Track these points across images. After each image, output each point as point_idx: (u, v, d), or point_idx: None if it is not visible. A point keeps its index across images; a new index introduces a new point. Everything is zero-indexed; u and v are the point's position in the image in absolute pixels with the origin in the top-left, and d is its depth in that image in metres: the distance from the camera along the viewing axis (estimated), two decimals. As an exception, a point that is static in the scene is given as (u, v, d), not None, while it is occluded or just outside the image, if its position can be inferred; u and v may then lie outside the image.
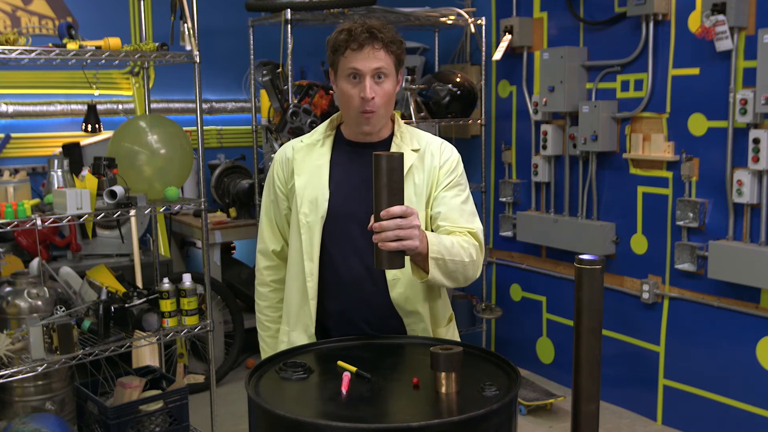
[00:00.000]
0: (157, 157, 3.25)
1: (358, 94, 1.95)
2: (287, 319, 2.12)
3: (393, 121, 2.10)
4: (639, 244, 3.92)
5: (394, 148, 2.04)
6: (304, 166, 2.07)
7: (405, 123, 2.15)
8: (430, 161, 2.05)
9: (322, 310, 2.06)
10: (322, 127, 2.13)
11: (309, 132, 2.18)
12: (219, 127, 5.13)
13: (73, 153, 3.84)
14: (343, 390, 1.64)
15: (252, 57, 4.39)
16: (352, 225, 2.01)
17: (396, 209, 1.72)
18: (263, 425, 1.61)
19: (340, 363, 1.78)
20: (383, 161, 1.70)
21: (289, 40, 3.86)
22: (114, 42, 3.13)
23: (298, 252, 2.05)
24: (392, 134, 2.08)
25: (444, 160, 2.06)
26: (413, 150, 2.05)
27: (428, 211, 2.04)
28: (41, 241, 3.89)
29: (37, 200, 3.00)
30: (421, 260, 1.85)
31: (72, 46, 2.98)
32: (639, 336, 3.96)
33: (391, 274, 2.00)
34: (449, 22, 4.48)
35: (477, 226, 2.03)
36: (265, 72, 4.10)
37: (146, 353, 3.60)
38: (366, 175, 2.01)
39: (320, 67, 4.99)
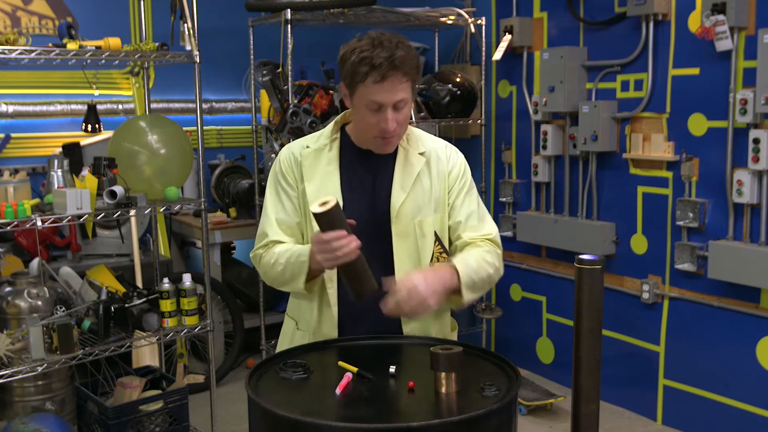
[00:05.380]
0: (157, 157, 3.25)
1: (378, 124, 1.92)
2: (306, 326, 2.09)
3: None
4: (639, 244, 3.92)
5: (401, 153, 2.05)
6: (314, 171, 2.04)
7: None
8: (437, 166, 2.07)
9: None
10: (327, 131, 2.10)
11: (309, 131, 2.18)
12: (219, 127, 5.13)
13: (73, 153, 3.84)
14: (338, 391, 1.64)
15: (252, 57, 4.39)
16: (363, 230, 2.01)
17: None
18: (263, 425, 1.61)
19: (341, 363, 1.78)
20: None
21: (289, 40, 3.86)
22: (114, 42, 3.13)
23: None
24: None
25: (452, 165, 2.09)
26: (420, 153, 2.06)
27: (444, 218, 2.07)
28: (41, 241, 3.89)
29: (37, 200, 3.00)
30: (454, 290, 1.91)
31: (72, 46, 2.98)
32: (639, 336, 3.96)
33: (400, 278, 2.01)
34: (449, 22, 4.48)
35: (493, 228, 2.09)
36: (265, 72, 4.10)
37: (146, 353, 3.60)
38: (375, 179, 2.04)
39: (320, 66, 4.98)
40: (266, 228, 2.09)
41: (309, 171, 2.05)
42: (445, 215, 2.07)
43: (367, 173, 2.04)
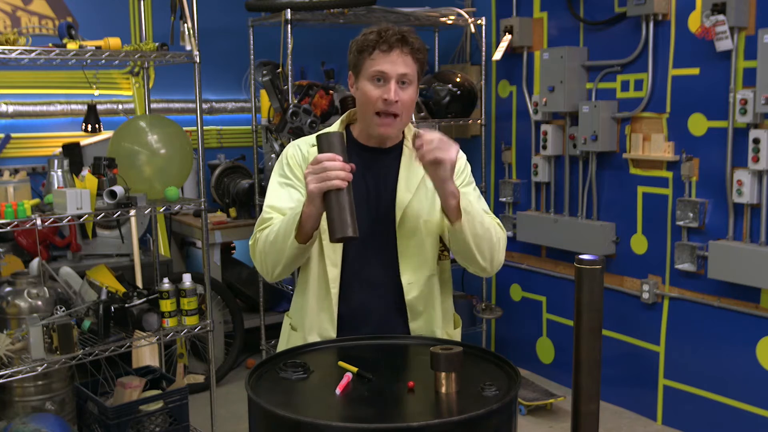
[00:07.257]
0: (157, 157, 3.25)
1: (380, 96, 1.91)
2: (301, 325, 2.08)
3: None
4: (639, 244, 3.92)
5: (406, 153, 2.05)
6: None
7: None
8: None
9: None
10: (333, 129, 2.12)
11: (309, 131, 2.17)
12: (219, 127, 5.13)
13: (73, 153, 3.84)
14: (338, 391, 1.64)
15: (252, 57, 4.39)
16: (368, 229, 2.00)
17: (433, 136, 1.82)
18: (263, 425, 1.61)
19: (341, 363, 1.78)
20: None
21: (289, 40, 3.86)
22: (114, 42, 3.13)
23: (319, 258, 2.02)
24: (404, 138, 2.08)
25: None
26: None
27: (443, 215, 2.04)
28: (41, 241, 3.89)
29: (37, 200, 3.00)
30: (455, 208, 1.86)
31: (72, 46, 2.98)
32: (639, 336, 3.96)
33: (406, 278, 2.01)
34: (449, 22, 4.48)
35: (494, 218, 2.03)
36: (265, 72, 4.10)
37: (146, 353, 3.60)
38: (380, 179, 2.04)
39: (320, 66, 4.99)
40: (270, 214, 2.03)
41: None
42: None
43: (372, 172, 2.04)
